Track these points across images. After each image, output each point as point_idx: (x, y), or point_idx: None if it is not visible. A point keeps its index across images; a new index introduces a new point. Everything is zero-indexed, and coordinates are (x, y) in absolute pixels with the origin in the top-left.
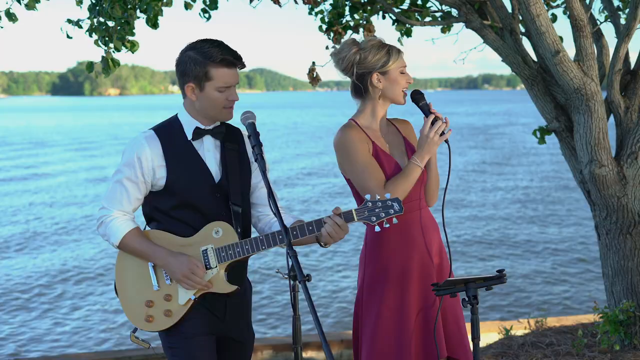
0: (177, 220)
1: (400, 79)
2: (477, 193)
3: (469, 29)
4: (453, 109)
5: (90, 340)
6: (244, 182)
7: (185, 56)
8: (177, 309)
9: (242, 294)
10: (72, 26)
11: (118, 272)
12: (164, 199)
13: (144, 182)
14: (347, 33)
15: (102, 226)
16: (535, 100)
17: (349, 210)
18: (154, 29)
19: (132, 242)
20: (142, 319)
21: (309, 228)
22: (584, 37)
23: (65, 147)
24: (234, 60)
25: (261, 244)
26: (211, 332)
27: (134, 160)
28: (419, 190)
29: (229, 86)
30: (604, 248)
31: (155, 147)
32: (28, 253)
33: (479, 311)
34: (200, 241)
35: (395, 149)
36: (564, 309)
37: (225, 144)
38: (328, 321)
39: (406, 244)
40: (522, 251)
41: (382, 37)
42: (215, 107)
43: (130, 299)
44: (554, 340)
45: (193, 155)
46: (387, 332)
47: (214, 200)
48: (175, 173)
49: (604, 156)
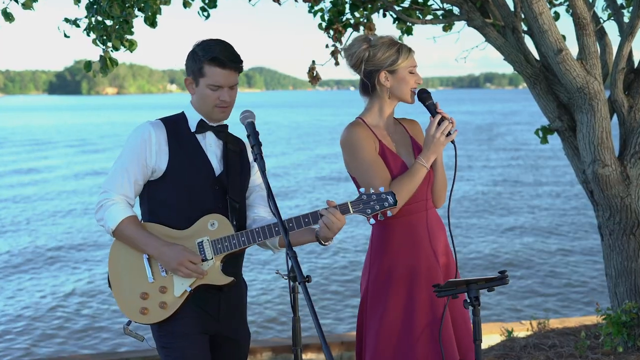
0: (173, 210)
1: (409, 78)
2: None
3: (470, 27)
4: (456, 107)
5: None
6: (242, 181)
7: (191, 51)
8: (173, 301)
9: (237, 291)
10: (70, 25)
11: (111, 264)
12: (163, 187)
13: (146, 165)
14: (347, 31)
15: (100, 210)
16: (537, 100)
17: (344, 202)
18: (152, 28)
19: (128, 229)
20: (136, 311)
21: (304, 220)
22: (587, 35)
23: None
24: (226, 62)
25: (257, 235)
26: (205, 331)
27: (138, 143)
28: (426, 190)
29: (219, 85)
30: (607, 249)
31: (161, 132)
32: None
33: (480, 312)
34: (195, 234)
35: (402, 148)
36: (566, 311)
37: (228, 145)
38: (328, 322)
39: (412, 245)
40: (525, 252)
41: (394, 35)
42: (206, 104)
43: (124, 291)
44: (556, 342)
45: (195, 146)
46: (391, 334)
47: (212, 193)
48: (177, 159)
49: (607, 156)
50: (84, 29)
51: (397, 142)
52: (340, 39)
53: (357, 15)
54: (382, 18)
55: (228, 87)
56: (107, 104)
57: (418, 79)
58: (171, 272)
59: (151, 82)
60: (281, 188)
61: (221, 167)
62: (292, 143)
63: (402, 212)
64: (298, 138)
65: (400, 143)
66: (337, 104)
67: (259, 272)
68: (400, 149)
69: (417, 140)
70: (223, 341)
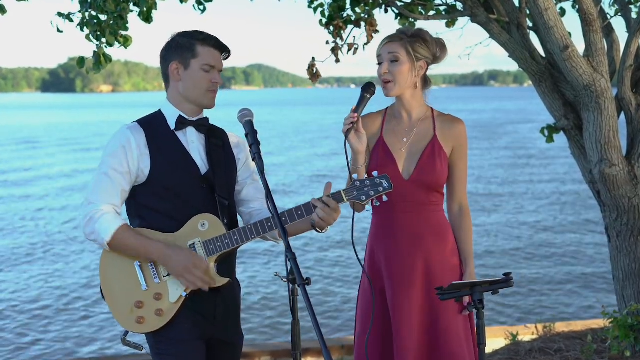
0: (161, 214)
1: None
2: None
3: (474, 24)
4: (463, 106)
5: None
6: (229, 177)
7: (171, 40)
8: (169, 308)
9: (231, 292)
10: (63, 20)
11: (103, 275)
12: (149, 192)
13: (129, 172)
14: (348, 27)
15: (90, 222)
16: (543, 98)
17: (337, 191)
18: (147, 24)
19: (125, 237)
20: (132, 321)
21: (297, 213)
22: (594, 31)
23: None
24: (219, 42)
25: (250, 232)
26: (201, 336)
27: (118, 149)
28: (420, 192)
29: (213, 66)
30: (614, 250)
31: (139, 136)
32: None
33: (484, 316)
34: (186, 236)
35: (413, 145)
36: (572, 314)
37: (210, 140)
38: (329, 323)
39: (393, 247)
40: (529, 253)
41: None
42: (198, 87)
43: (118, 302)
44: (562, 346)
45: (177, 145)
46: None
47: (199, 191)
48: (160, 162)
49: (614, 155)
50: (78, 24)
51: (411, 137)
52: (341, 35)
53: (358, 11)
54: (383, 14)
55: (218, 71)
56: (102, 102)
57: (379, 70)
58: (176, 278)
59: (147, 80)
60: (279, 185)
61: (206, 165)
62: (292, 140)
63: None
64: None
65: (414, 139)
66: (338, 102)
67: (258, 274)
68: (409, 146)
69: (442, 141)
70: (218, 345)
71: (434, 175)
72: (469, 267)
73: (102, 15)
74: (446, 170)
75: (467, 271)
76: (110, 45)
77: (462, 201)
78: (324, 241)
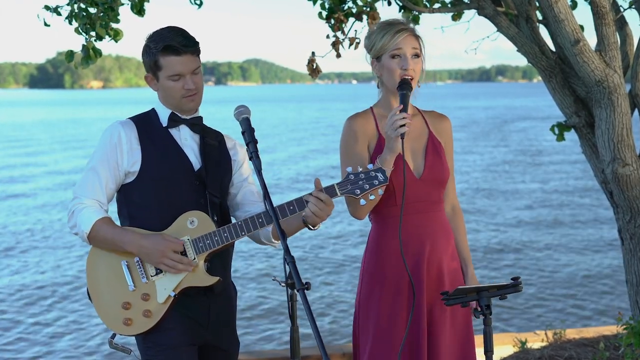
0: (153, 211)
1: (394, 65)
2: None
3: (481, 17)
4: (473, 102)
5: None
6: (222, 176)
7: (144, 46)
8: (157, 308)
9: (226, 297)
10: (50, 13)
11: (90, 275)
12: (139, 188)
13: (118, 168)
14: (349, 21)
15: (72, 216)
16: (553, 94)
17: (331, 184)
18: (140, 17)
19: (103, 230)
20: (119, 322)
21: (289, 208)
22: (606, 25)
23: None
24: (179, 48)
25: (240, 229)
26: (193, 342)
27: (107, 144)
28: (432, 191)
29: (180, 74)
30: (627, 254)
31: (130, 131)
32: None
33: (492, 322)
34: (174, 233)
35: (413, 142)
36: (584, 320)
37: (205, 139)
38: (329, 327)
39: (405, 249)
40: (541, 256)
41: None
42: (173, 96)
43: (105, 303)
44: (573, 354)
45: (169, 141)
46: (384, 350)
47: (190, 187)
48: (151, 154)
49: (627, 154)
50: (66, 17)
51: (407, 134)
52: (342, 29)
53: (360, 3)
54: (386, 6)
55: (190, 73)
56: (92, 98)
57: (405, 65)
58: (155, 265)
59: (139, 75)
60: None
61: (200, 162)
62: (292, 138)
63: (393, 212)
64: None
65: (411, 136)
66: (339, 99)
67: (256, 279)
68: (407, 143)
69: (437, 137)
70: (212, 352)
71: (443, 172)
72: (470, 270)
73: (92, 8)
74: (448, 166)
75: (469, 274)
76: (100, 39)
77: (454, 201)
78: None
